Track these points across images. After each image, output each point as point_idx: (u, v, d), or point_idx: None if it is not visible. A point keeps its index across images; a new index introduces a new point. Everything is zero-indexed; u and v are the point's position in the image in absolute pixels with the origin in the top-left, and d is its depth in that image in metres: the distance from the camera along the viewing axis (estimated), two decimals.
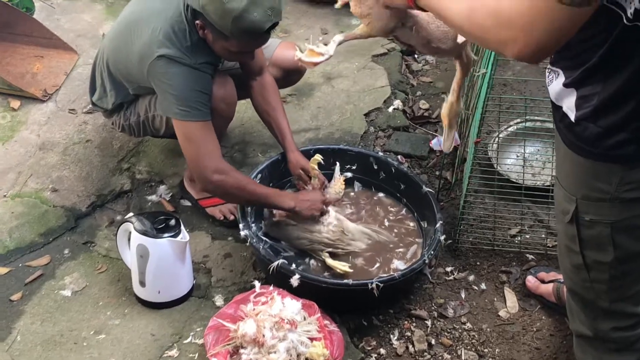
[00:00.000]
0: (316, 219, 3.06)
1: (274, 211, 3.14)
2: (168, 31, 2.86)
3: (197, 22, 2.83)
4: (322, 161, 3.21)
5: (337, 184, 3.21)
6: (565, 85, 1.90)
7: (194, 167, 2.93)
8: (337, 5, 2.37)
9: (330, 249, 3.08)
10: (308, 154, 3.33)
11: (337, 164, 3.30)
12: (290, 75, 3.43)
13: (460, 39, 2.25)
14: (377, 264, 3.10)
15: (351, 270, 3.01)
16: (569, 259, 2.14)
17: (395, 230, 3.22)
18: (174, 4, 2.91)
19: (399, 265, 3.09)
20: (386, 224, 3.25)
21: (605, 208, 1.98)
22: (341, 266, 3.00)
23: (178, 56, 2.85)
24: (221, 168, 2.91)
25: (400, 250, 3.15)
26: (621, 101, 1.83)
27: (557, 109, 1.98)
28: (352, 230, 3.12)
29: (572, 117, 1.91)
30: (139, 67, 2.93)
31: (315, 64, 2.40)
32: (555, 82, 1.95)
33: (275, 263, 2.86)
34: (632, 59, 1.77)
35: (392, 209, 3.31)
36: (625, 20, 1.69)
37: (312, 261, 3.09)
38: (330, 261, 3.02)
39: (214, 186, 2.94)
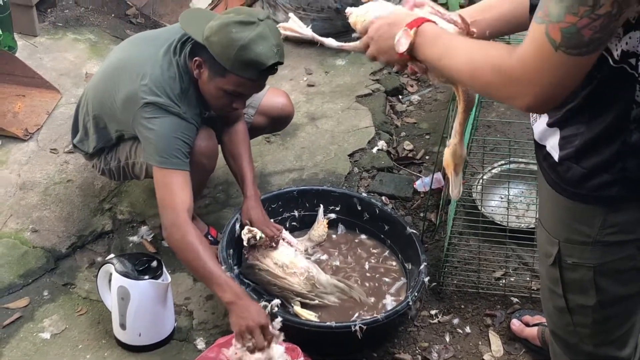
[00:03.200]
0: (240, 339, 2.69)
1: (247, 254, 3.11)
2: (157, 78, 2.87)
3: (195, 59, 2.84)
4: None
5: (321, 227, 3.21)
6: (549, 125, 1.91)
7: (163, 215, 2.89)
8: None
9: (300, 298, 3.05)
10: (292, 195, 3.34)
11: (321, 206, 3.31)
12: (278, 122, 3.47)
13: None
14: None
15: (317, 320, 2.98)
16: (552, 302, 2.14)
17: (381, 274, 3.22)
18: (163, 52, 2.93)
19: (388, 299, 3.11)
20: (367, 266, 3.25)
21: (588, 251, 1.98)
22: (307, 314, 2.97)
23: (166, 104, 2.86)
24: (185, 221, 2.82)
25: (384, 283, 3.17)
26: (604, 142, 1.83)
27: (540, 149, 1.99)
28: (324, 283, 3.09)
29: (556, 157, 1.92)
30: (125, 113, 2.94)
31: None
32: (539, 122, 1.96)
33: (260, 305, 2.85)
34: (616, 100, 1.78)
35: (374, 251, 3.31)
36: (611, 62, 1.71)
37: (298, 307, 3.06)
38: (298, 309, 3.00)
39: (169, 240, 2.89)
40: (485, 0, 2.23)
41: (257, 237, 3.06)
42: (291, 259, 3.08)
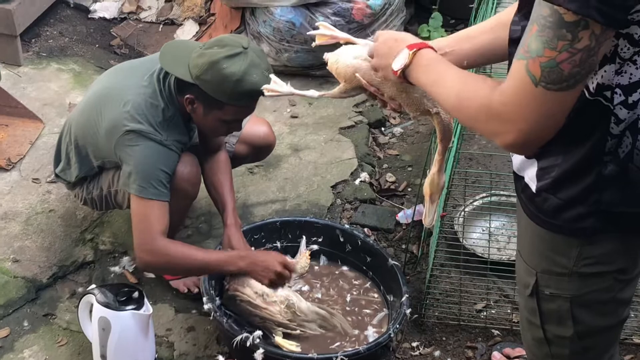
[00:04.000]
0: (276, 285, 2.99)
1: (227, 284, 3.08)
2: (140, 106, 2.88)
3: (187, 96, 2.85)
4: None
5: (303, 259, 3.20)
6: (527, 156, 1.92)
7: (139, 243, 2.90)
8: (314, 45, 2.38)
9: (281, 329, 3.03)
10: (275, 226, 3.34)
11: (304, 237, 3.30)
12: (260, 151, 3.47)
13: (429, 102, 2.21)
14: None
15: (299, 350, 2.96)
16: (530, 333, 2.14)
17: (362, 306, 3.22)
18: (146, 81, 2.95)
19: (370, 330, 3.10)
20: (348, 298, 3.24)
21: (565, 282, 1.98)
22: (288, 345, 2.95)
23: (148, 131, 2.86)
24: (163, 241, 2.88)
25: (365, 315, 3.15)
26: (580, 174, 1.84)
27: (519, 180, 2.00)
28: (305, 310, 3.05)
29: (533, 188, 1.93)
30: (107, 141, 2.94)
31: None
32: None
33: (239, 337, 2.84)
34: (591, 132, 1.79)
35: (356, 282, 3.30)
36: (587, 95, 1.73)
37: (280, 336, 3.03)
38: (279, 340, 2.97)
39: (148, 264, 2.97)
40: (463, 30, 2.24)
41: None
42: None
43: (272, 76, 2.44)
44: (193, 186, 3.09)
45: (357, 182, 3.84)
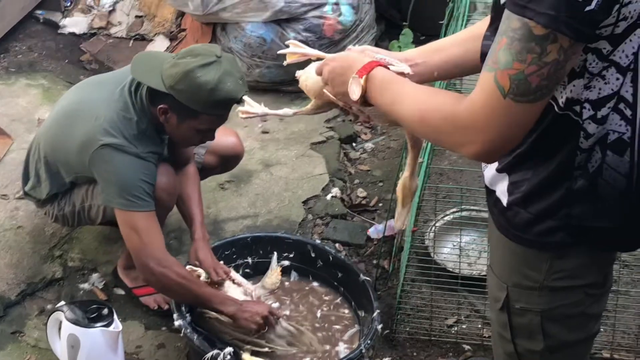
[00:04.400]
0: (252, 332, 2.96)
1: None
2: (113, 119, 2.87)
3: (161, 106, 2.85)
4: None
5: (274, 275, 3.19)
6: (498, 170, 1.93)
7: (137, 257, 2.90)
8: (285, 63, 2.38)
9: (250, 346, 3.01)
10: (246, 242, 3.34)
11: (275, 253, 3.30)
12: (228, 161, 3.46)
13: None
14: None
15: None
16: (502, 348, 2.14)
17: (333, 322, 3.21)
18: (117, 94, 2.94)
19: (341, 346, 3.10)
20: (318, 314, 3.23)
21: (535, 296, 1.98)
22: None
23: (123, 145, 2.86)
24: (164, 261, 2.88)
25: (337, 330, 3.16)
26: (550, 188, 1.86)
27: (490, 194, 2.00)
28: (274, 327, 3.05)
29: (505, 202, 1.93)
30: (80, 156, 2.93)
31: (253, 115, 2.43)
32: (490, 167, 1.98)
33: (210, 354, 2.84)
34: (561, 147, 1.80)
35: (326, 298, 3.30)
36: (556, 109, 1.75)
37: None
38: (247, 357, 2.94)
39: (156, 279, 2.91)
40: (434, 42, 2.25)
41: (201, 278, 3.05)
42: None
43: (246, 98, 2.43)
44: (170, 196, 3.08)
45: (328, 197, 3.84)
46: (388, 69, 1.98)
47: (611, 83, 1.73)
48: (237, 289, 3.11)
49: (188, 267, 3.07)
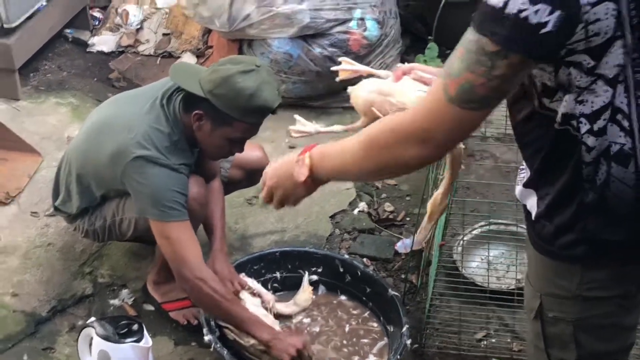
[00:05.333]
0: None
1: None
2: (146, 132, 2.89)
3: (196, 112, 2.87)
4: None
5: (306, 292, 3.20)
6: (525, 185, 1.96)
7: (173, 267, 2.93)
8: (338, 79, 2.43)
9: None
10: (274, 257, 3.34)
11: (306, 272, 3.31)
12: (254, 175, 3.45)
13: None
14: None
15: None
16: (536, 358, 2.14)
17: (360, 335, 3.20)
18: (149, 107, 2.96)
19: (371, 359, 3.09)
20: (347, 328, 3.23)
21: (568, 305, 1.99)
22: None
23: (156, 157, 2.88)
24: (199, 272, 2.89)
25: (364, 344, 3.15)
26: (566, 201, 1.87)
27: (524, 208, 2.02)
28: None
29: (533, 215, 1.95)
30: (112, 168, 2.95)
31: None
32: (519, 184, 2.00)
33: None
34: (568, 161, 1.82)
35: (354, 312, 3.29)
36: (556, 125, 1.77)
37: None
38: None
39: (189, 289, 2.93)
40: None
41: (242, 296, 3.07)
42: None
43: (297, 116, 2.46)
44: (201, 206, 3.10)
45: (355, 212, 3.84)
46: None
47: (602, 95, 1.74)
48: (254, 299, 3.12)
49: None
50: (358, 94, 2.22)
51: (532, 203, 1.96)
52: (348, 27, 4.27)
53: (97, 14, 4.93)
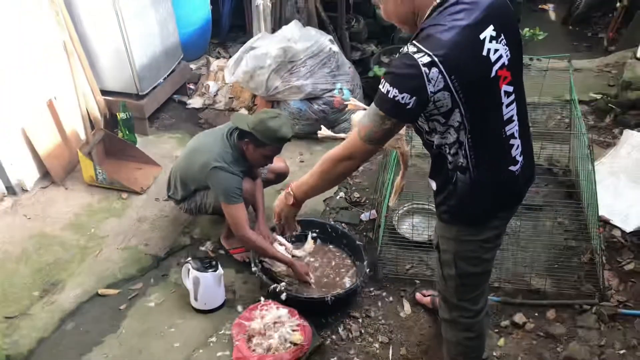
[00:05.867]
0: (302, 278, 3.01)
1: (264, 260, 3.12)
2: (219, 153, 2.93)
3: (245, 140, 2.90)
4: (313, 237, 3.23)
5: (309, 244, 3.21)
6: (430, 177, 2.02)
7: (234, 230, 2.94)
8: (347, 110, 2.56)
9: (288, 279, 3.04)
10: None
11: (310, 232, 3.29)
12: (280, 176, 3.49)
13: (396, 142, 2.32)
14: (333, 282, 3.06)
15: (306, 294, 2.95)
16: (438, 272, 2.19)
17: (341, 268, 3.20)
18: (220, 138, 3.00)
19: (346, 280, 3.08)
20: (333, 263, 3.22)
21: (451, 244, 2.05)
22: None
23: (225, 166, 2.90)
24: (246, 233, 2.90)
25: (342, 272, 3.12)
26: (442, 189, 1.95)
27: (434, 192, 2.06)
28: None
29: (434, 190, 2.02)
30: (200, 174, 2.97)
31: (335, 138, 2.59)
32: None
33: (272, 286, 2.86)
34: (442, 168, 1.89)
35: (337, 254, 3.29)
36: (434, 148, 1.88)
37: (295, 286, 3.03)
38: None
39: (244, 242, 2.97)
40: None
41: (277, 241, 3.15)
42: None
43: (325, 129, 2.60)
44: (251, 196, 3.11)
45: (338, 197, 3.83)
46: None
47: (452, 135, 1.82)
48: (281, 247, 3.14)
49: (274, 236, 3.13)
50: (354, 117, 2.31)
51: (433, 185, 2.01)
52: (333, 93, 4.27)
53: (192, 86, 4.93)
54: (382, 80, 1.70)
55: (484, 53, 1.70)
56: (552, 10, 7.12)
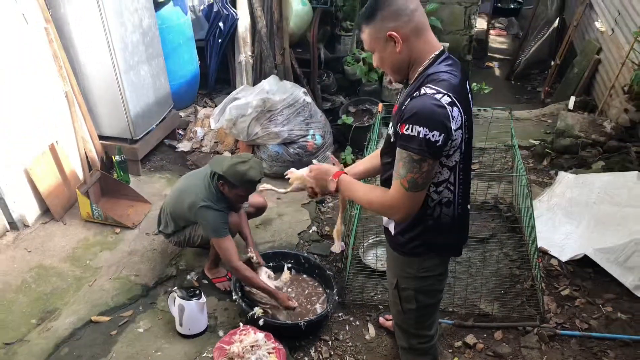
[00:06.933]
0: (285, 304, 2.93)
1: (247, 288, 3.05)
2: (204, 193, 2.92)
3: (220, 182, 2.89)
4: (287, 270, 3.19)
5: (286, 275, 3.19)
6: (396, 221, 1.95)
7: (226, 261, 2.91)
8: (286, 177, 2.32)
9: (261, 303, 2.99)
10: (269, 255, 3.31)
11: (285, 264, 3.27)
12: (259, 210, 3.50)
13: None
14: (305, 309, 3.04)
15: (281, 321, 2.93)
16: (395, 308, 2.16)
17: (313, 295, 3.19)
18: (203, 179, 2.98)
19: (317, 307, 3.06)
20: (306, 292, 3.22)
21: (411, 281, 2.00)
22: (259, 312, 2.88)
23: (211, 205, 2.90)
24: (236, 264, 2.87)
25: (314, 300, 3.12)
26: (414, 226, 1.87)
27: (386, 230, 2.02)
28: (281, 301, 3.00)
29: (392, 233, 1.96)
30: (189, 213, 2.97)
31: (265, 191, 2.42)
32: (385, 217, 1.99)
33: (251, 313, 2.84)
34: (420, 205, 1.77)
35: (310, 283, 3.29)
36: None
37: (272, 312, 3.01)
38: (257, 310, 2.89)
39: (234, 272, 2.93)
40: (358, 161, 2.22)
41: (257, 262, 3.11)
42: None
43: (265, 184, 2.46)
44: (235, 227, 3.11)
45: (310, 231, 3.84)
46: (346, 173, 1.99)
47: (444, 175, 1.79)
48: (265, 274, 3.11)
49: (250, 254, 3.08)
50: (296, 174, 2.16)
51: (392, 227, 1.96)
52: (306, 138, 4.32)
53: (181, 131, 4.94)
54: (405, 125, 1.60)
55: (471, 101, 1.77)
56: (497, 67, 7.38)
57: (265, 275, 3.09)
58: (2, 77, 3.34)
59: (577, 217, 3.60)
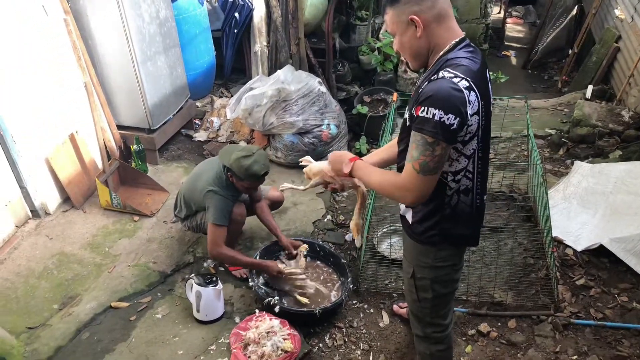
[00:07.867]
0: (275, 269, 2.97)
1: (266, 277, 3.08)
2: (215, 180, 2.96)
3: (229, 173, 2.92)
4: (305, 250, 3.20)
5: (301, 261, 3.21)
6: (407, 206, 1.95)
7: (210, 247, 2.92)
8: (302, 162, 2.34)
9: (298, 291, 3.04)
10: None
11: (302, 251, 3.29)
12: (276, 204, 3.51)
13: (357, 181, 2.15)
14: (320, 298, 3.05)
15: (308, 302, 2.97)
16: (410, 296, 2.16)
17: (328, 283, 3.21)
18: (216, 167, 3.01)
19: (332, 294, 3.08)
20: (321, 278, 3.24)
21: (427, 271, 2.00)
22: (304, 300, 2.97)
23: (218, 191, 2.93)
24: (222, 250, 2.89)
25: (329, 286, 3.13)
26: (432, 215, 1.87)
27: (403, 218, 2.02)
28: (309, 284, 3.09)
29: (410, 221, 1.95)
30: (200, 196, 3.01)
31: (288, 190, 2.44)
32: (402, 205, 1.98)
33: (267, 300, 2.87)
34: (436, 194, 1.78)
35: (325, 270, 3.30)
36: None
37: (285, 299, 3.03)
38: (298, 297, 2.99)
39: (219, 259, 2.98)
40: (375, 150, 2.23)
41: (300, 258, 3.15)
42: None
43: (286, 184, 2.49)
44: (242, 217, 3.13)
45: (325, 220, 3.86)
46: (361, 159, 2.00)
47: (462, 163, 1.78)
48: (289, 264, 3.15)
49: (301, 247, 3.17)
50: (312, 168, 2.20)
51: (409, 215, 1.95)
52: (321, 128, 4.32)
53: (197, 121, 4.96)
54: (420, 108, 1.58)
55: (490, 88, 1.75)
56: (514, 56, 7.28)
57: (291, 264, 3.12)
58: (23, 69, 3.38)
59: (593, 207, 3.56)
